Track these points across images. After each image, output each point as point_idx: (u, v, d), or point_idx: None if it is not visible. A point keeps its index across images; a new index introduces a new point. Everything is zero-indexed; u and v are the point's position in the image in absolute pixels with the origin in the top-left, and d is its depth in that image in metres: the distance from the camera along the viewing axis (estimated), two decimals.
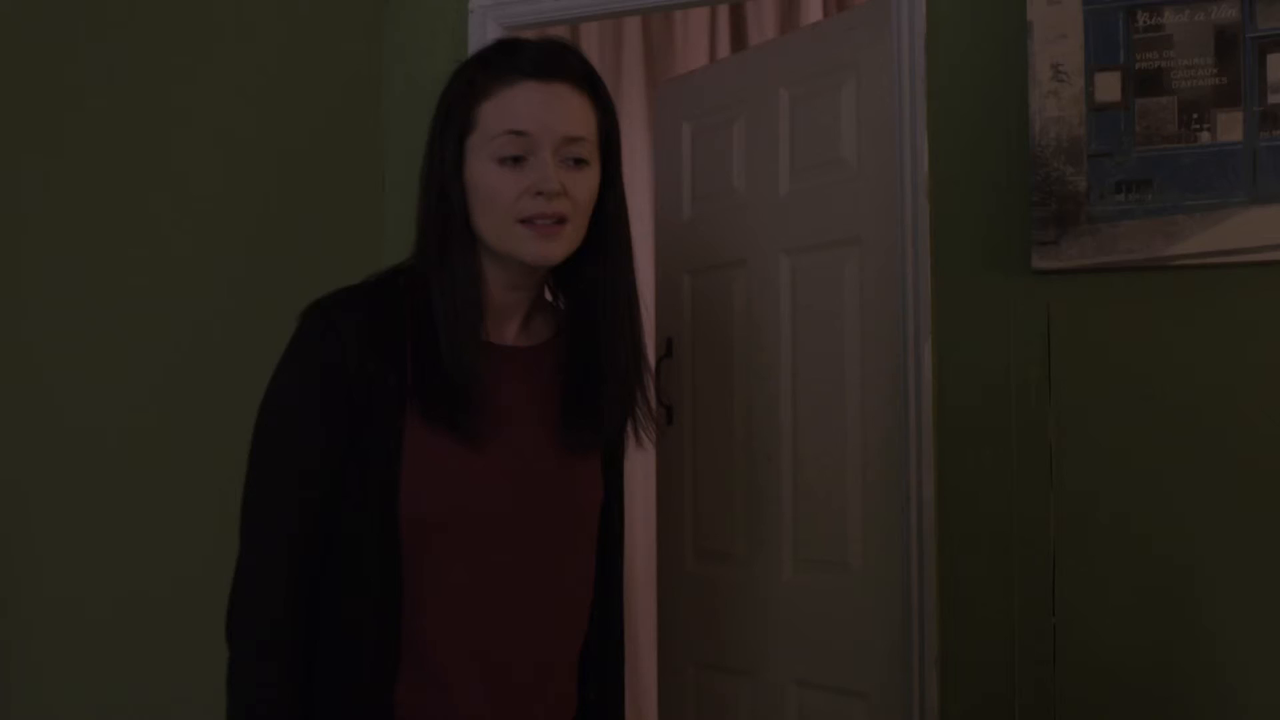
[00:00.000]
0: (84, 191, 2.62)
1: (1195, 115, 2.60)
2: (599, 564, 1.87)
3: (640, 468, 4.76)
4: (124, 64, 2.71)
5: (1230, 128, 2.58)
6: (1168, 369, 2.65)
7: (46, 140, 2.56)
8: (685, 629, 3.61)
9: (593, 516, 1.83)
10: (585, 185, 1.70)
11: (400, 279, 1.72)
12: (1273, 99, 2.55)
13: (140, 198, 2.73)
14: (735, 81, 3.54)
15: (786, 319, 3.30)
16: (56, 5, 2.58)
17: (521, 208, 1.65)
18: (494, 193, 1.66)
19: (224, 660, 1.70)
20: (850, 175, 3.15)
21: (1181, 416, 2.63)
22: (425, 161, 1.74)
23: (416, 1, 3.45)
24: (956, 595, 2.79)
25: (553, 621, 1.75)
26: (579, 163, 1.69)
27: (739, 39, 4.96)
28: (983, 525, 2.77)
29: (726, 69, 3.78)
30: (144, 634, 2.66)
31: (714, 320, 3.53)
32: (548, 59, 1.69)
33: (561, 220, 1.67)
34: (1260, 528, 2.58)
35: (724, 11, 4.93)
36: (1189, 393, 2.63)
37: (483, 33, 3.35)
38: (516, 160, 1.65)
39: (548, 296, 1.88)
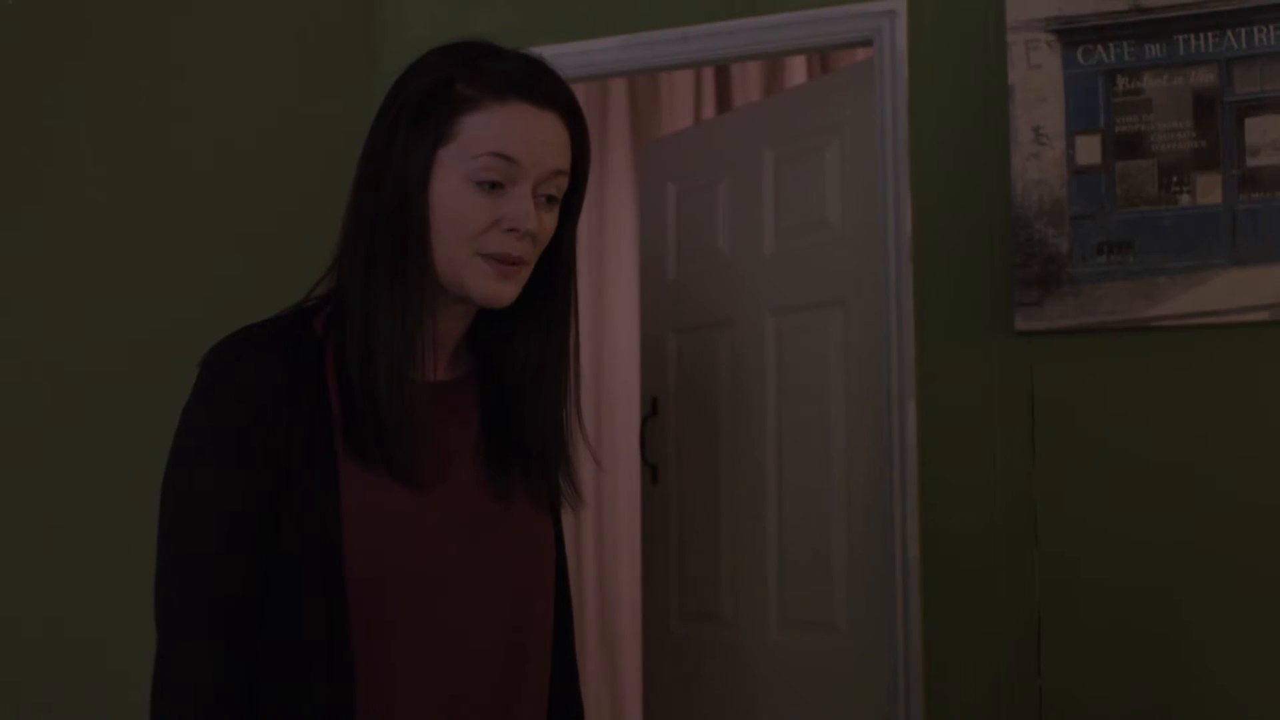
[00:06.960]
0: (81, 195, 2.64)
1: (1175, 178, 2.62)
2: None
3: (625, 527, 4.76)
4: (123, 65, 2.73)
5: (1210, 190, 2.60)
6: (1149, 428, 2.66)
7: (42, 142, 2.59)
8: (671, 691, 3.58)
9: (549, 558, 1.68)
10: (550, 226, 1.57)
11: (312, 319, 1.55)
12: (1251, 162, 2.58)
13: (139, 206, 2.74)
14: (720, 143, 3.56)
15: (771, 379, 3.31)
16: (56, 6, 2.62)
17: (487, 241, 1.51)
18: (461, 217, 1.50)
19: None
20: (834, 236, 3.17)
21: (1164, 475, 2.64)
22: (376, 162, 1.53)
23: (402, 35, 3.46)
24: (942, 655, 2.78)
25: (521, 680, 1.61)
26: (550, 200, 1.56)
27: (724, 101, 5.00)
28: (968, 585, 2.76)
29: (711, 130, 3.81)
30: None
31: (699, 380, 3.53)
32: (543, 82, 1.55)
33: (521, 262, 1.53)
34: (1245, 586, 2.57)
35: (709, 73, 4.97)
36: (1171, 452, 2.64)
37: None
38: (493, 186, 1.50)
39: None
